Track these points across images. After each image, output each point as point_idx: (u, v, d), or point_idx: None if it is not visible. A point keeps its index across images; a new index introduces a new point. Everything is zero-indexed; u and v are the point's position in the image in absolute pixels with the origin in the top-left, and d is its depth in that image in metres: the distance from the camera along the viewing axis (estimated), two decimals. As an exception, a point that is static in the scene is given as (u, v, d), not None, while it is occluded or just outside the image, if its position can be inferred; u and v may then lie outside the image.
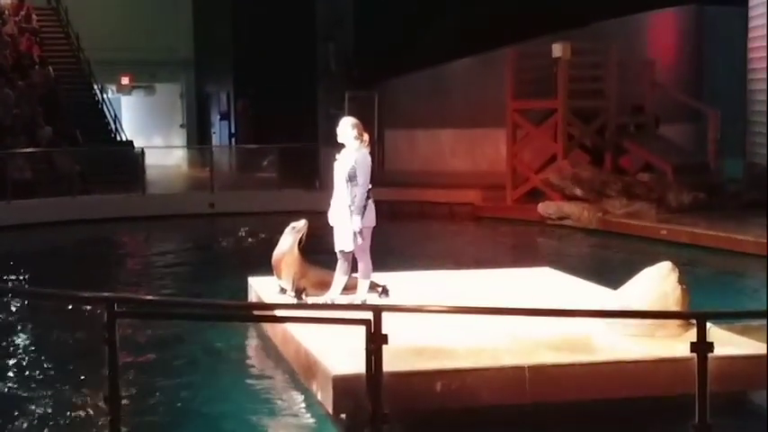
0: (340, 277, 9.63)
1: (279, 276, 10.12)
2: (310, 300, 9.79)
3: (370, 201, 9.36)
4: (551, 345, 7.92)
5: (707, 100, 22.72)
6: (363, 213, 9.24)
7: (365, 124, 9.57)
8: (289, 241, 10.00)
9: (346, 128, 9.39)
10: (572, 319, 8.03)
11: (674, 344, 7.75)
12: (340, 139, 9.45)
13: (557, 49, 20.35)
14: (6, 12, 28.09)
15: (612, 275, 10.98)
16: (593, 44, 21.63)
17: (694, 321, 5.68)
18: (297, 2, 26.81)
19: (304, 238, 10.00)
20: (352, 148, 9.37)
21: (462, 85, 23.71)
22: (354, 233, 9.25)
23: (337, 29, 25.20)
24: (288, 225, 10.11)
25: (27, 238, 18.95)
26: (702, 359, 5.35)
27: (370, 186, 9.38)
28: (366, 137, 9.46)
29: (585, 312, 7.76)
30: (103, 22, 30.09)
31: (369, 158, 9.39)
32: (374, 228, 9.45)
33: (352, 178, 9.25)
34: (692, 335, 5.46)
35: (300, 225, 10.00)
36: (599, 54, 21.40)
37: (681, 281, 8.46)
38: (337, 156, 9.47)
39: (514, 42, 22.12)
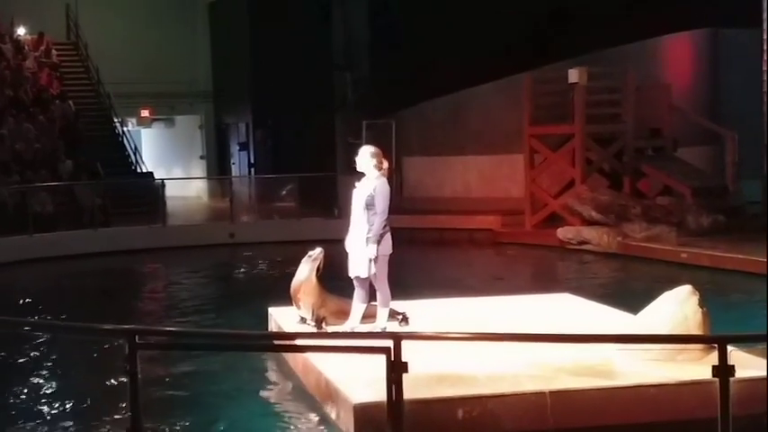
0: (358, 305, 9.66)
1: (298, 306, 10.14)
2: (330, 329, 9.80)
3: (388, 229, 9.39)
4: (572, 370, 7.91)
5: (724, 122, 22.67)
6: (380, 241, 9.27)
7: (383, 152, 9.63)
8: (306, 270, 10.03)
9: (366, 156, 9.44)
10: (592, 344, 8.02)
11: (696, 367, 7.72)
12: (359, 168, 9.50)
13: (573, 75, 20.40)
14: (26, 47, 28.38)
15: (633, 300, 10.95)
16: (609, 69, 21.66)
17: (715, 345, 5.66)
18: (314, 32, 26.98)
19: (321, 266, 10.02)
20: (371, 177, 9.41)
21: (480, 111, 23.77)
22: (370, 260, 9.28)
23: (354, 58, 25.32)
24: (305, 254, 10.15)
25: (49, 271, 19.04)
26: (724, 383, 5.33)
27: (387, 215, 9.42)
28: (386, 165, 9.51)
29: (606, 337, 7.74)
30: (123, 55, 30.35)
31: (388, 187, 9.43)
32: (391, 255, 9.48)
33: (370, 206, 9.29)
34: (714, 358, 5.45)
35: (316, 253, 10.03)
36: (616, 78, 21.43)
37: (701, 304, 8.44)
38: (357, 183, 9.52)
39: (531, 68, 22.17)
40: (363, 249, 9.32)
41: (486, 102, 23.65)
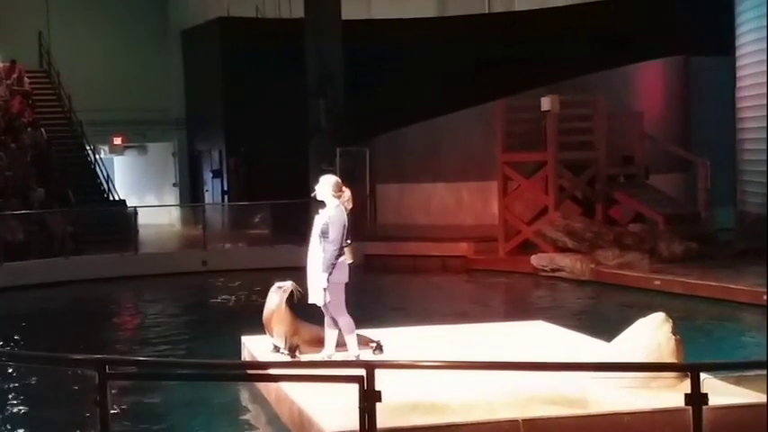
0: (330, 332, 9.64)
1: (271, 334, 10.10)
2: (305, 357, 9.75)
3: (343, 258, 9.37)
4: (546, 398, 7.89)
5: (696, 150, 22.87)
6: (333, 270, 9.26)
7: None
8: (275, 299, 10.01)
9: (323, 185, 9.46)
10: (566, 371, 8.01)
11: (670, 395, 7.72)
12: (319, 197, 9.51)
13: (545, 102, 20.51)
14: (-2, 74, 28.26)
15: (606, 327, 10.97)
16: (581, 96, 21.80)
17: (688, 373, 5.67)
18: (287, 60, 27.01)
19: (296, 296, 9.98)
20: (330, 205, 9.42)
21: (453, 138, 23.83)
22: (324, 289, 9.28)
23: (328, 86, 25.34)
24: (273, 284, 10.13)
25: (19, 299, 18.87)
26: (697, 411, 5.34)
27: (347, 242, 9.41)
28: (346, 194, 9.48)
29: (579, 366, 7.73)
30: (95, 83, 30.23)
31: (344, 216, 9.40)
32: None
33: (325, 234, 9.31)
34: (688, 385, 5.45)
35: (287, 286, 10.01)
36: (588, 106, 21.55)
37: (674, 331, 8.46)
38: (320, 210, 9.53)
39: (503, 96, 22.28)
40: (317, 277, 9.32)
41: (459, 129, 23.72)
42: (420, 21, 30.59)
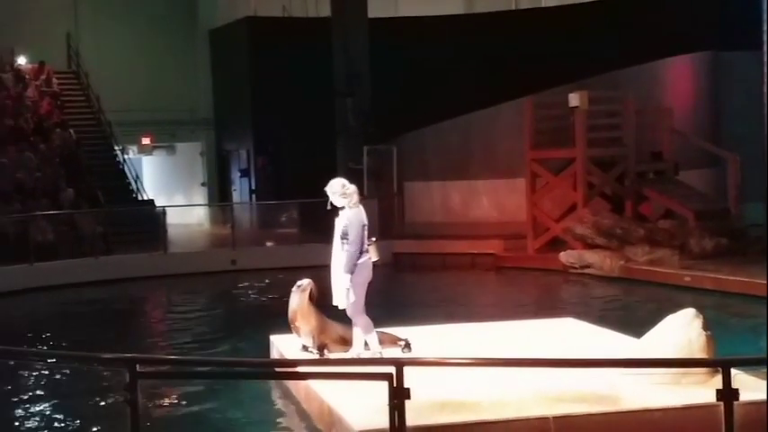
0: (357, 331, 9.62)
1: (298, 334, 10.12)
2: (333, 356, 9.75)
3: (366, 257, 9.35)
4: (576, 395, 7.85)
5: (725, 145, 22.69)
6: (354, 270, 9.24)
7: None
8: (296, 299, 10.03)
9: (331, 192, 9.45)
10: (596, 368, 7.97)
11: (701, 391, 7.65)
12: (334, 203, 9.46)
13: (574, 99, 20.42)
14: (27, 75, 28.44)
15: (636, 324, 10.91)
16: (610, 93, 21.68)
17: (720, 368, 5.62)
18: (314, 59, 27.04)
19: (314, 294, 9.99)
20: (346, 207, 9.41)
21: (480, 135, 23.78)
22: (347, 289, 9.27)
23: (355, 84, 25.35)
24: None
25: (50, 299, 19.00)
26: (728, 407, 5.30)
27: (372, 240, 9.39)
28: (350, 188, 9.45)
29: (610, 362, 7.70)
30: (123, 83, 30.38)
31: (362, 215, 9.40)
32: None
33: (345, 236, 9.29)
34: (719, 381, 5.41)
35: (305, 284, 10.02)
36: (616, 102, 21.45)
37: (705, 327, 8.40)
38: (340, 212, 9.53)
39: (531, 92, 22.20)
40: (340, 279, 9.32)
41: (487, 126, 23.67)
42: (447, 18, 30.53)
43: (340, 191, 9.41)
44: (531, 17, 30.55)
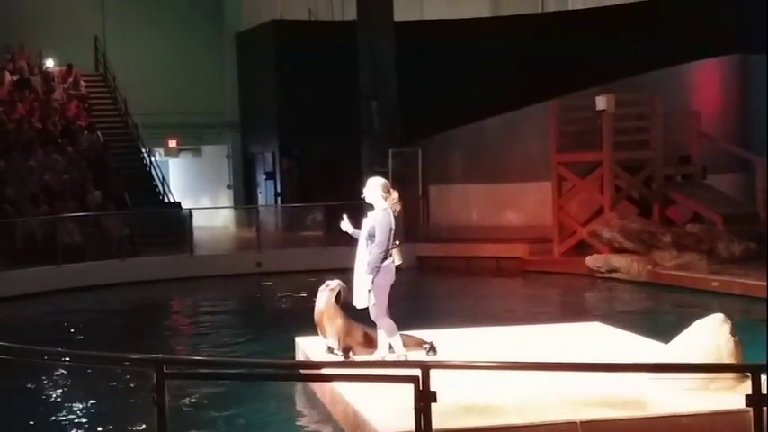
0: (382, 333, 9.60)
1: (324, 335, 10.11)
2: (358, 358, 9.74)
3: (389, 260, 9.33)
4: (604, 400, 7.80)
5: (754, 149, 22.51)
6: (378, 272, 9.22)
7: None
8: (324, 298, 10.03)
9: (372, 188, 9.43)
10: (624, 373, 7.91)
11: (729, 397, 7.60)
12: (368, 200, 9.49)
13: (601, 102, 20.33)
14: (55, 79, 28.65)
15: (664, 328, 10.85)
16: (637, 96, 21.58)
17: (749, 374, 5.57)
18: (340, 62, 27.09)
19: (342, 295, 9.99)
20: (378, 208, 9.40)
21: (506, 139, 23.73)
22: (368, 291, 9.25)
23: (380, 87, 25.37)
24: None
25: (77, 301, 19.11)
26: (758, 412, 5.24)
27: (396, 244, 9.38)
28: (394, 196, 9.46)
29: (637, 366, 7.64)
30: (150, 86, 30.57)
31: (391, 219, 9.37)
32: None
33: (371, 237, 9.28)
34: (748, 387, 5.35)
35: (334, 284, 10.03)
36: (643, 105, 21.33)
37: (733, 333, 8.33)
38: (368, 213, 9.52)
39: (557, 95, 22.13)
40: (363, 280, 9.31)
41: (513, 129, 23.62)
42: (473, 21, 30.50)
43: (382, 190, 9.39)
44: (558, 20, 30.48)
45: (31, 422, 9.96)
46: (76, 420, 10.06)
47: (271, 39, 30.71)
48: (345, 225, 9.73)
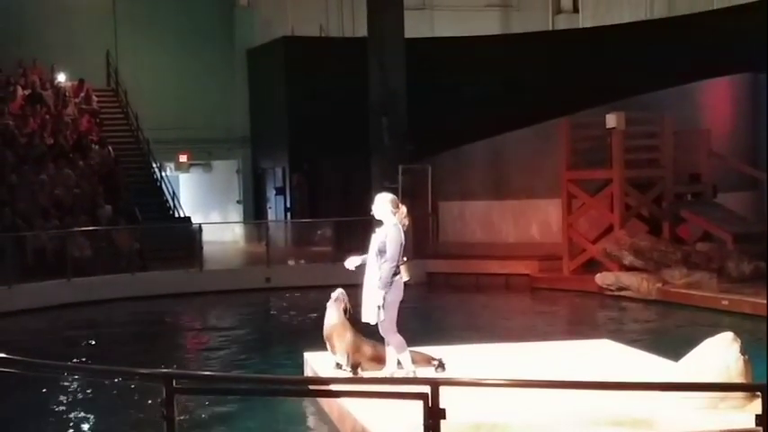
0: (390, 350, 9.59)
1: (333, 351, 10.10)
2: (366, 374, 9.73)
3: (399, 276, 9.33)
4: (613, 418, 7.79)
5: (764, 167, 22.46)
6: (389, 288, 9.22)
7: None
8: (334, 313, 10.03)
9: (381, 203, 9.44)
10: (633, 391, 7.89)
11: (739, 416, 7.57)
12: (377, 216, 9.49)
13: (611, 120, 20.33)
14: (67, 93, 28.77)
15: (673, 347, 10.81)
16: (647, 114, 21.57)
17: (758, 393, 5.55)
18: (350, 78, 27.16)
19: (348, 306, 9.99)
20: (388, 223, 9.40)
21: (516, 156, 23.72)
22: (378, 307, 9.24)
23: (390, 104, 25.42)
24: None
25: (86, 315, 19.14)
26: (768, 432, 5.22)
27: (404, 260, 9.38)
28: (402, 211, 9.46)
29: (646, 385, 7.62)
30: (162, 102, 30.68)
31: (401, 234, 9.37)
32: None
33: (382, 252, 9.28)
34: (757, 406, 5.34)
35: (338, 294, 10.04)
36: (654, 123, 21.33)
37: (743, 352, 8.31)
38: (376, 229, 9.52)
39: (567, 113, 22.15)
40: (373, 295, 9.30)
41: (522, 146, 23.61)
42: (483, 38, 30.57)
43: (391, 205, 9.41)
44: (568, 37, 30.53)
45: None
46: (85, 434, 10.06)
47: (282, 55, 30.81)
48: (351, 262, 9.67)
